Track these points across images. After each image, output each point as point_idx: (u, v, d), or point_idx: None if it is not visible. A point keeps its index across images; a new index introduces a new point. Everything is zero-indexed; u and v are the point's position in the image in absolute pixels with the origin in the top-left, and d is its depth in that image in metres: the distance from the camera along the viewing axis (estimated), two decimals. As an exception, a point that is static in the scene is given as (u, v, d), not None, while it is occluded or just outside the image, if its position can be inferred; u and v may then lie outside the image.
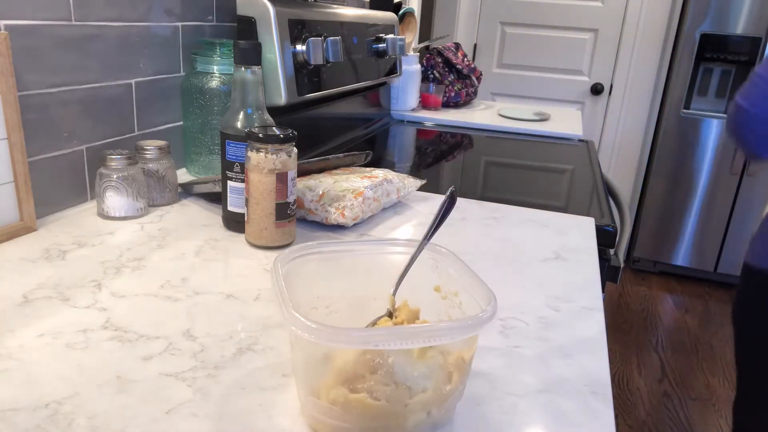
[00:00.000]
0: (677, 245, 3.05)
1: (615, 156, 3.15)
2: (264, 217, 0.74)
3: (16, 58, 0.73)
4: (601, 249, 0.93)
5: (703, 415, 2.07)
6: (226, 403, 0.46)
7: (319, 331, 0.39)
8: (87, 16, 0.83)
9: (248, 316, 0.60)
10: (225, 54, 0.99)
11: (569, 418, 0.48)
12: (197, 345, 0.54)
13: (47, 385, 0.47)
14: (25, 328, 0.55)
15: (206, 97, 0.98)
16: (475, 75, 2.03)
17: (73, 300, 0.60)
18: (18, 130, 0.73)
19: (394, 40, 1.50)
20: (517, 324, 0.62)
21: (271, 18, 1.03)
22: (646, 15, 2.92)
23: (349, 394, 0.41)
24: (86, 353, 0.52)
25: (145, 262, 0.70)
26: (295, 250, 0.50)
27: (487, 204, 1.01)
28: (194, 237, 0.79)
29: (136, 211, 0.83)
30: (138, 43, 0.93)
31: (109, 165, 0.81)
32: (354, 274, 0.53)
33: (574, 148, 1.59)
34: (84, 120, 0.86)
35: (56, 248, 0.72)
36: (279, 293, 0.43)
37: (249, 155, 0.72)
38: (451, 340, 0.40)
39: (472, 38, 3.22)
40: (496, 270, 0.75)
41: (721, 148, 2.84)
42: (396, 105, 1.86)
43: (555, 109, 2.16)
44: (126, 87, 0.92)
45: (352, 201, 0.83)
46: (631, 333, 2.57)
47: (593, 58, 3.06)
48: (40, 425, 0.43)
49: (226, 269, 0.70)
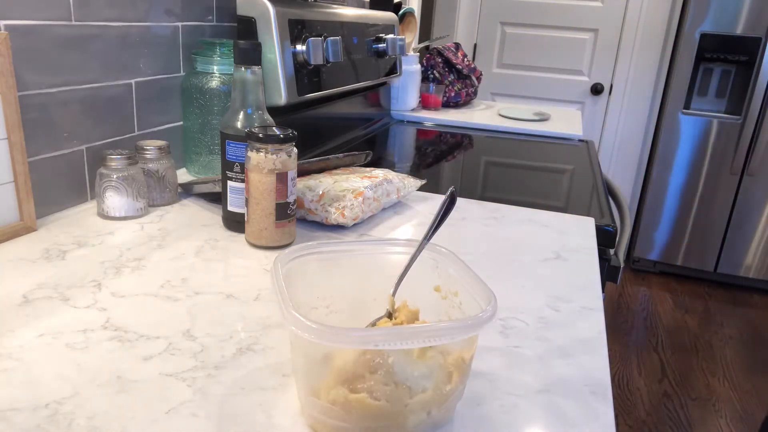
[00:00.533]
0: (677, 245, 3.05)
1: (615, 156, 3.15)
2: (264, 217, 0.74)
3: (16, 58, 0.73)
4: (601, 249, 0.93)
5: (703, 415, 2.07)
6: (226, 403, 0.46)
7: (319, 331, 0.39)
8: (87, 16, 0.83)
9: (248, 316, 0.60)
10: (225, 54, 0.99)
11: (569, 418, 0.48)
12: (197, 345, 0.54)
13: (47, 385, 0.47)
14: (25, 328, 0.55)
15: (206, 97, 0.98)
16: (475, 75, 2.03)
17: (73, 300, 0.60)
18: (18, 130, 0.73)
19: (394, 40, 1.50)
20: (517, 324, 0.62)
21: (271, 18, 1.03)
22: (646, 15, 2.92)
23: (349, 394, 0.41)
24: (86, 353, 0.52)
25: (145, 262, 0.70)
26: (295, 250, 0.50)
27: (487, 204, 1.01)
28: (194, 237, 0.79)
29: (136, 211, 0.83)
30: (138, 43, 0.93)
31: (109, 165, 0.81)
32: (354, 274, 0.53)
33: (574, 148, 1.59)
34: (84, 120, 0.86)
35: (56, 248, 0.72)
36: (279, 293, 0.43)
37: (249, 155, 0.72)
38: (451, 340, 0.40)
39: (472, 38, 3.22)
40: (496, 270, 0.75)
41: (721, 148, 2.84)
42: (396, 105, 1.86)
43: (555, 109, 2.16)
44: (126, 87, 0.92)
45: (352, 201, 0.83)
46: (631, 333, 2.57)
47: (593, 58, 3.06)
48: (40, 425, 0.43)
49: (226, 269, 0.70)
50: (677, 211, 2.99)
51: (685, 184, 2.95)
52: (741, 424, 2.03)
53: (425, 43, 2.15)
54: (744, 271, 2.98)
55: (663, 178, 2.97)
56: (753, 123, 2.74)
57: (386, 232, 0.85)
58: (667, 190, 2.98)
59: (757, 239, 2.91)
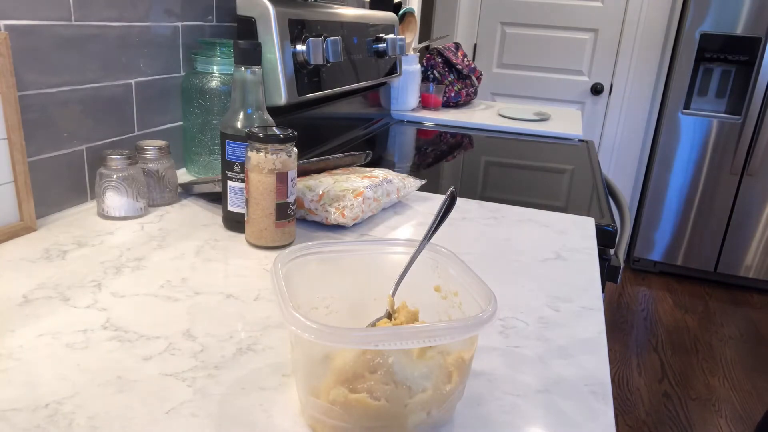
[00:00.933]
0: (677, 245, 3.05)
1: (615, 156, 3.15)
2: (264, 217, 0.74)
3: (16, 58, 0.73)
4: (601, 249, 0.93)
5: (703, 415, 2.07)
6: (226, 403, 0.46)
7: (319, 331, 0.39)
8: (87, 16, 0.83)
9: (248, 316, 0.60)
10: (225, 54, 0.99)
11: (569, 418, 0.48)
12: (197, 345, 0.54)
13: (47, 385, 0.47)
14: (25, 328, 0.55)
15: (206, 97, 0.98)
16: (475, 75, 2.03)
17: (73, 300, 0.60)
18: (18, 130, 0.73)
19: (394, 40, 1.50)
20: (517, 324, 0.62)
21: (271, 18, 1.03)
22: (646, 15, 2.92)
23: (349, 394, 0.41)
24: (86, 353, 0.52)
25: (145, 262, 0.70)
26: (295, 250, 0.50)
27: (487, 204, 1.01)
28: (194, 237, 0.79)
29: (136, 211, 0.83)
30: (138, 43, 0.93)
31: (109, 165, 0.81)
32: (354, 274, 0.53)
33: (574, 148, 1.59)
34: (84, 120, 0.86)
35: (56, 248, 0.72)
36: (279, 293, 0.43)
37: (249, 155, 0.72)
38: (451, 340, 0.40)
39: (472, 38, 3.22)
40: (496, 270, 0.75)
41: (721, 148, 2.84)
42: (396, 105, 1.86)
43: (555, 109, 2.16)
44: (126, 87, 0.92)
45: (352, 201, 0.83)
46: (631, 333, 2.57)
47: (593, 58, 3.06)
48: (40, 425, 0.43)
49: (226, 269, 0.70)
50: (677, 211, 2.99)
51: (685, 184, 2.95)
52: (741, 424, 2.03)
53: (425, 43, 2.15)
54: (744, 271, 2.98)
55: (663, 178, 2.97)
56: (753, 123, 2.74)
57: (386, 232, 0.85)
58: (667, 190, 2.98)
59: (757, 239, 2.91)
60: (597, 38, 3.03)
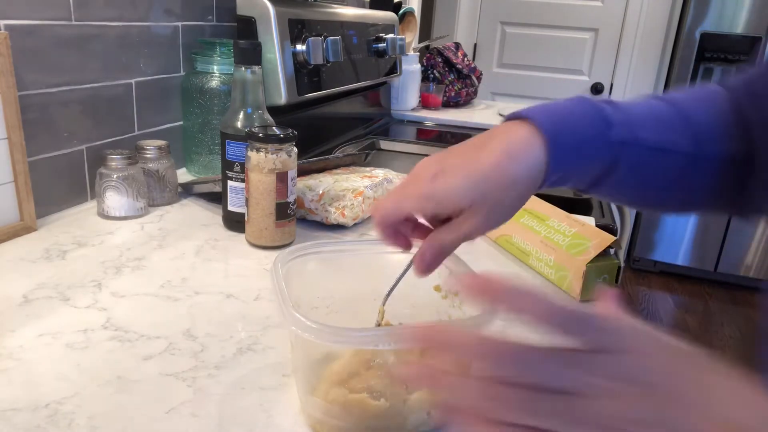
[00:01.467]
0: (677, 245, 3.04)
1: (615, 156, 3.14)
2: (264, 216, 0.74)
3: (16, 58, 0.73)
4: (601, 249, 0.92)
5: (703, 414, 2.07)
6: (226, 403, 0.46)
7: (319, 331, 0.39)
8: (87, 16, 0.83)
9: (248, 316, 0.60)
10: (225, 54, 0.99)
11: (569, 418, 0.47)
12: (197, 345, 0.54)
13: (47, 385, 0.47)
14: (25, 328, 0.55)
15: (206, 96, 0.98)
16: (475, 75, 2.03)
17: (73, 300, 0.60)
18: (18, 130, 0.73)
19: (394, 40, 1.50)
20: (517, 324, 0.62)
21: (271, 18, 1.03)
22: (646, 15, 2.92)
23: (349, 394, 0.41)
24: (86, 353, 0.52)
25: (145, 262, 0.70)
26: (295, 250, 0.50)
27: (487, 204, 1.00)
28: (194, 237, 0.79)
29: (136, 211, 0.83)
30: (138, 43, 0.93)
31: (109, 165, 0.81)
32: (354, 274, 0.53)
33: (574, 148, 1.58)
34: (84, 120, 0.86)
35: (56, 248, 0.72)
36: (279, 293, 0.43)
37: (249, 155, 0.72)
38: (451, 340, 0.40)
39: (472, 38, 3.22)
40: (496, 270, 0.75)
41: (721, 147, 2.84)
42: (396, 105, 1.86)
43: (555, 109, 2.15)
44: (126, 87, 0.92)
45: (352, 201, 0.83)
46: (631, 333, 2.57)
47: (593, 58, 3.06)
48: (40, 425, 0.43)
49: (226, 269, 0.70)
50: (677, 210, 2.99)
51: (685, 184, 2.94)
52: (741, 423, 2.03)
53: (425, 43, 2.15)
54: (744, 271, 2.98)
55: (663, 178, 2.97)
56: (753, 123, 2.74)
57: (386, 232, 0.85)
58: (667, 190, 2.98)
59: (757, 239, 2.91)
60: (597, 38, 3.03)
